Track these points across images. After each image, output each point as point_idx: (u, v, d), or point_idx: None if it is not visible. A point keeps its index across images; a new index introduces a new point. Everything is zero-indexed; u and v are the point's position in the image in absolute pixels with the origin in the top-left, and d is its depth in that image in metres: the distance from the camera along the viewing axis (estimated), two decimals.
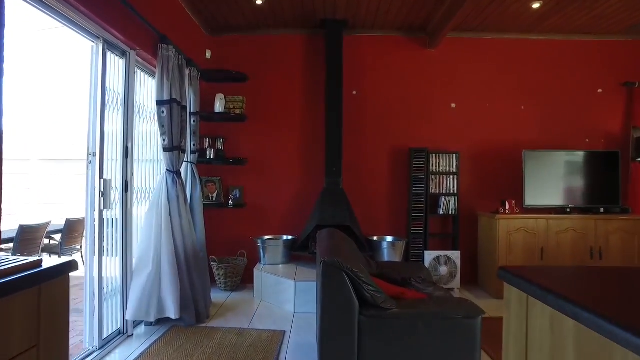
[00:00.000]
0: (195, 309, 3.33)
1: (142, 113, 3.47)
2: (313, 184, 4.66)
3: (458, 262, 4.38)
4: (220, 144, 4.60)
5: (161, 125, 3.16)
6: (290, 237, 4.60)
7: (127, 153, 2.97)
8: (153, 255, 3.13)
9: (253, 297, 4.19)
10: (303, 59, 4.76)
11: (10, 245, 4.30)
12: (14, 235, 4.25)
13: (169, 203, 3.18)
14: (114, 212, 2.94)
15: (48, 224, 4.72)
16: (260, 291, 4.14)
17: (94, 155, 2.69)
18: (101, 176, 2.71)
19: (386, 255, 4.33)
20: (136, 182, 3.46)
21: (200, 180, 4.43)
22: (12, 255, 4.24)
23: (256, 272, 4.21)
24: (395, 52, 4.75)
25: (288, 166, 4.76)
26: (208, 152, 4.47)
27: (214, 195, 4.62)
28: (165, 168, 3.27)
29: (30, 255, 4.58)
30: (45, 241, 5.13)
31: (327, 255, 2.30)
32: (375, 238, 4.57)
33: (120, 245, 2.99)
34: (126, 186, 2.97)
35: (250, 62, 4.70)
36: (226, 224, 4.73)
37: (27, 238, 4.36)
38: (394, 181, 4.76)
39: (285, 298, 3.88)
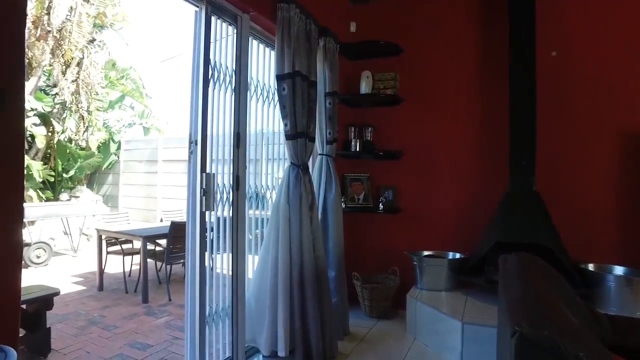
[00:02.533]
0: (314, 347, 2.50)
1: (270, 97, 2.89)
2: (492, 185, 3.38)
3: None
4: (368, 133, 3.76)
5: (282, 107, 2.48)
6: (457, 256, 3.43)
7: (238, 142, 2.38)
8: (270, 272, 2.48)
9: (404, 332, 3.19)
10: (474, 15, 3.53)
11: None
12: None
13: (288, 205, 2.48)
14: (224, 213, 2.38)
15: None
16: (413, 325, 3.13)
17: (196, 144, 2.16)
18: (203, 170, 2.16)
19: (613, 296, 2.76)
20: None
21: (343, 178, 3.70)
22: (167, 249, 4.35)
23: (410, 298, 3.21)
24: None
25: (456, 160, 3.59)
26: (353, 143, 3.68)
27: (361, 196, 3.80)
28: (289, 161, 2.59)
29: (183, 252, 4.70)
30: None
31: (524, 315, 1.19)
32: (590, 267, 3.03)
33: (231, 258, 2.41)
34: (237, 182, 2.38)
35: (402, 30, 3.71)
36: (375, 232, 3.86)
37: (179, 235, 4.36)
38: (626, 181, 3.09)
39: (447, 342, 2.77)
